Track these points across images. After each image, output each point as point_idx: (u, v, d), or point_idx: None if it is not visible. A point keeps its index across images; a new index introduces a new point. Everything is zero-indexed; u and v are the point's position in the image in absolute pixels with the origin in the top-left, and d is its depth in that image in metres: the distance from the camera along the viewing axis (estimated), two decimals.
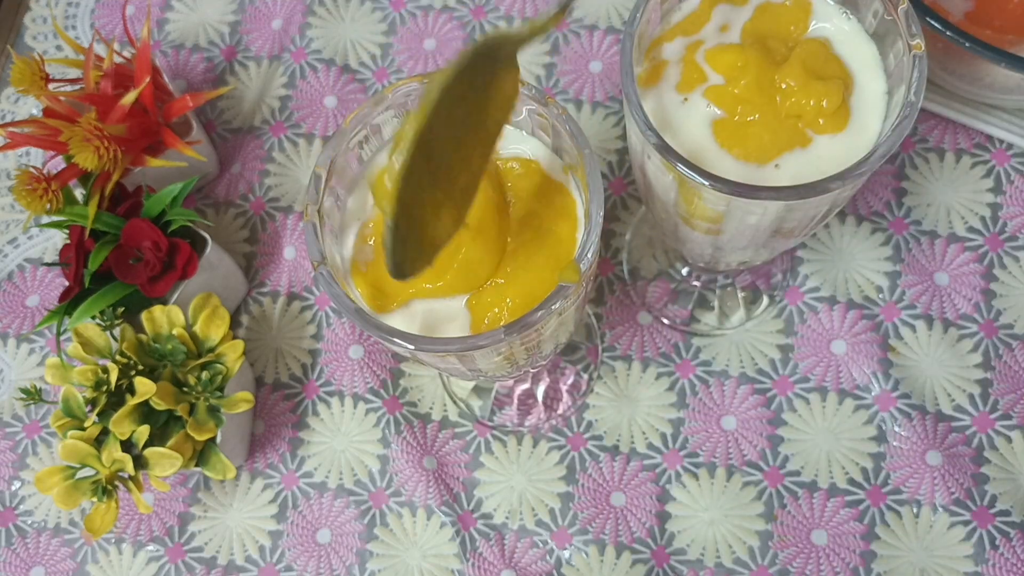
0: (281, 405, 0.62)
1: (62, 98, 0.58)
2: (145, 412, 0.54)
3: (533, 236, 0.41)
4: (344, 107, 0.68)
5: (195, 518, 0.60)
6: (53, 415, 0.54)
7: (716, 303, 0.61)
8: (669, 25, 0.45)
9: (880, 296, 0.59)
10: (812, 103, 0.40)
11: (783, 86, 0.41)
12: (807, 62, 0.41)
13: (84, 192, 0.59)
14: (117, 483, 0.53)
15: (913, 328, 0.59)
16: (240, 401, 0.55)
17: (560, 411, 0.60)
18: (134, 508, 0.60)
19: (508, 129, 0.43)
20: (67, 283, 0.58)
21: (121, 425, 0.52)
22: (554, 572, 0.56)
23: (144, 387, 0.52)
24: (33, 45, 0.74)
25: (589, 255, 0.37)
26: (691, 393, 0.59)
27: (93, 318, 0.56)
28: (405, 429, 0.60)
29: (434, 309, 0.40)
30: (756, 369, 0.59)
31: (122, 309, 0.56)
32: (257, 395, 0.62)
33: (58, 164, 0.61)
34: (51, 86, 0.58)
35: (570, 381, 0.61)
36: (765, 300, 0.61)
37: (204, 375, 0.54)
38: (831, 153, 0.41)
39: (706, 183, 0.38)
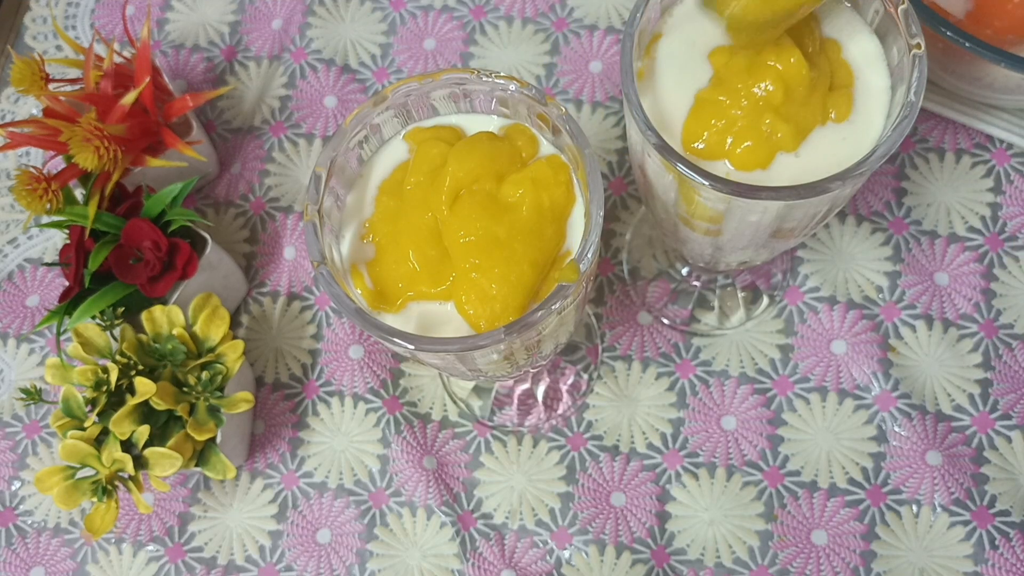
0: (281, 405, 0.61)
1: (62, 98, 0.58)
2: (145, 412, 0.54)
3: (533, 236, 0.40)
4: (344, 107, 0.68)
5: (195, 518, 0.60)
6: (53, 415, 0.54)
7: (716, 303, 0.61)
8: None
9: (880, 296, 0.59)
10: (815, 104, 0.40)
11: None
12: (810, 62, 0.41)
13: (84, 192, 0.59)
14: (117, 483, 0.53)
15: (913, 328, 0.59)
16: (240, 401, 0.55)
17: (560, 411, 0.60)
18: (134, 508, 0.60)
19: None
20: (67, 283, 0.58)
21: (121, 425, 0.52)
22: (554, 572, 0.56)
23: (144, 387, 0.52)
24: (33, 45, 0.74)
25: (589, 255, 0.37)
26: (691, 393, 0.59)
27: (93, 318, 0.56)
28: (405, 429, 0.60)
29: (433, 309, 0.40)
30: (756, 369, 0.59)
31: (122, 309, 0.56)
32: (257, 395, 0.62)
33: (58, 164, 0.61)
34: (51, 86, 0.58)
35: (570, 381, 0.61)
36: (765, 300, 0.61)
37: (204, 375, 0.54)
38: (832, 151, 0.40)
39: (706, 183, 0.38)
